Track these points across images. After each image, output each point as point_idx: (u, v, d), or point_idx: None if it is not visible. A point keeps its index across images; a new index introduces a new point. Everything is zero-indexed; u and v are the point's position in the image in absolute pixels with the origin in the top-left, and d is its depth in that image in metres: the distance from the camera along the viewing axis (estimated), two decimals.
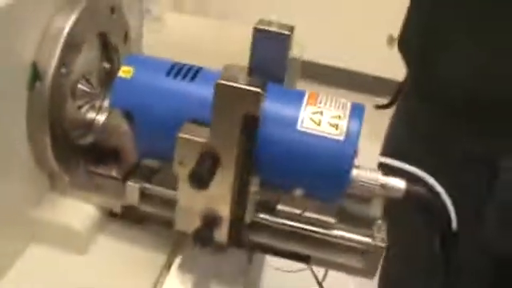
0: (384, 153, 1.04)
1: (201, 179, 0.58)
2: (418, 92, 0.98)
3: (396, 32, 0.98)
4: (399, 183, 0.64)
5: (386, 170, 0.66)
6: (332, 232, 0.65)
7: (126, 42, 0.74)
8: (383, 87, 1.05)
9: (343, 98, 0.65)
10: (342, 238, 0.65)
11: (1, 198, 0.62)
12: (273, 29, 0.64)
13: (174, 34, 0.88)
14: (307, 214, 0.66)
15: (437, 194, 0.65)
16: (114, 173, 0.68)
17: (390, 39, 1.07)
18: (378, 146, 1.04)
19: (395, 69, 1.07)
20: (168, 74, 0.64)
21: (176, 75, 0.64)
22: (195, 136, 0.60)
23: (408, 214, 0.75)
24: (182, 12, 0.90)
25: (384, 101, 1.10)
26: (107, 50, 0.72)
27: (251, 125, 0.58)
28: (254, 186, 0.63)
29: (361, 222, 0.66)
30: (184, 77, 0.64)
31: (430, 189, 0.65)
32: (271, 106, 0.61)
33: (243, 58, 0.70)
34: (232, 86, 0.57)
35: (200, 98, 0.63)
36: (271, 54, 0.66)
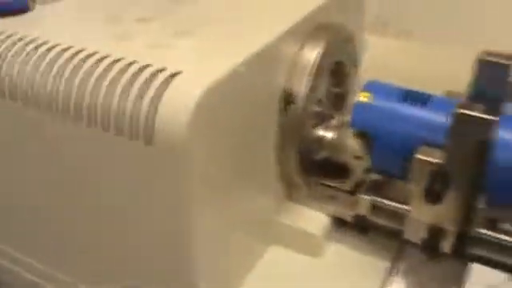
0: None
1: (435, 196, 0.66)
2: None
3: None
4: None
5: None
6: None
7: (354, 69, 0.83)
8: None
9: None
10: None
11: (249, 204, 0.73)
12: (502, 61, 0.70)
13: (378, 57, 0.95)
14: None
15: None
16: (345, 186, 0.77)
17: None
18: None
19: None
20: (404, 99, 0.72)
21: (410, 101, 0.72)
22: (430, 157, 0.67)
23: None
24: (385, 35, 0.97)
25: None
26: (338, 76, 0.82)
27: (484, 150, 0.65)
28: (480, 204, 0.69)
29: None
30: (417, 103, 0.72)
31: None
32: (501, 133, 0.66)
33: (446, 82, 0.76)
34: (470, 115, 0.64)
35: (432, 123, 0.70)
36: (494, 83, 0.72)
